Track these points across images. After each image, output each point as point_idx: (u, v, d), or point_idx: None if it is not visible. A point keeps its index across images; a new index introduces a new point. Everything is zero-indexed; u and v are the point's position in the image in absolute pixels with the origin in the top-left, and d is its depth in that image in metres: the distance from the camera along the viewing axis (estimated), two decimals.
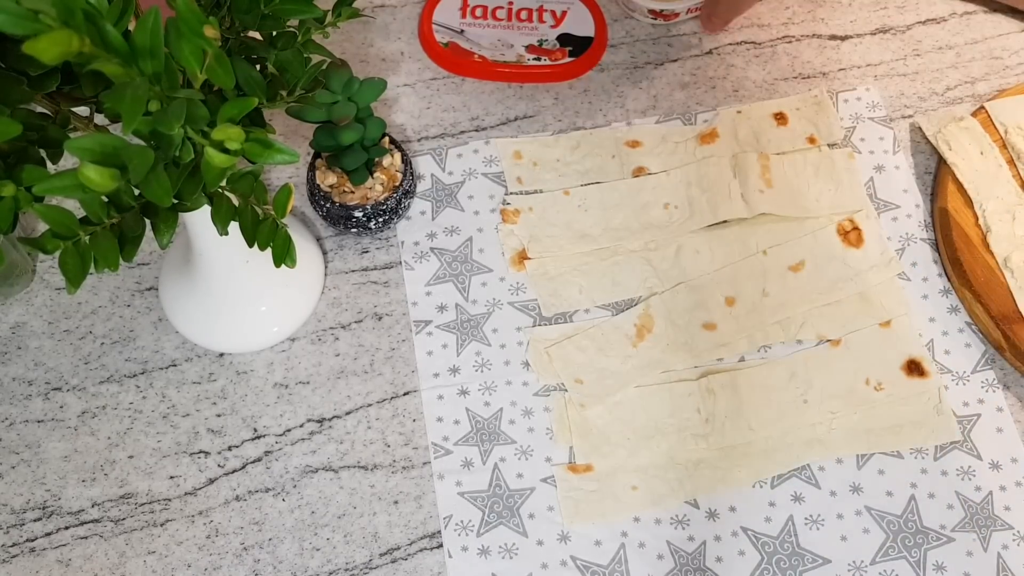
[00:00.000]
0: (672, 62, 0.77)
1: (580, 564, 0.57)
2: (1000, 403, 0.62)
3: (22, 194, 0.38)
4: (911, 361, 0.63)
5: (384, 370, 0.63)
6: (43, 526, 0.57)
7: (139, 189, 0.38)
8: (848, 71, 0.76)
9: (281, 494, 0.59)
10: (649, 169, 0.70)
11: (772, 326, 0.64)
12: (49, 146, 0.43)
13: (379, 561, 0.57)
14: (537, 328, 0.64)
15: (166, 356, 0.63)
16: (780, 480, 0.59)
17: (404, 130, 0.72)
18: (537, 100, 0.74)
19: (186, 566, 0.57)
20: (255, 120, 0.47)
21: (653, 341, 0.63)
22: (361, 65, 0.76)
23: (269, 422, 0.61)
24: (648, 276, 0.66)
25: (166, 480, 0.59)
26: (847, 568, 0.57)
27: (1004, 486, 0.59)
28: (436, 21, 0.77)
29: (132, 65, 0.35)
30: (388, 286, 0.66)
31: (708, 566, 0.57)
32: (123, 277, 0.66)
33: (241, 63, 0.45)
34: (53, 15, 0.31)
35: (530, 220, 0.68)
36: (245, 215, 0.47)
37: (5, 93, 0.39)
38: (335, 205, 0.64)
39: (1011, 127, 0.71)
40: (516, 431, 0.61)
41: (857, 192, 0.70)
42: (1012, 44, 0.78)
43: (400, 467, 0.60)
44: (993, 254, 0.65)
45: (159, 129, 0.37)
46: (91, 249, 0.41)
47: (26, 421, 0.60)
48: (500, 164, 0.71)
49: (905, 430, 0.61)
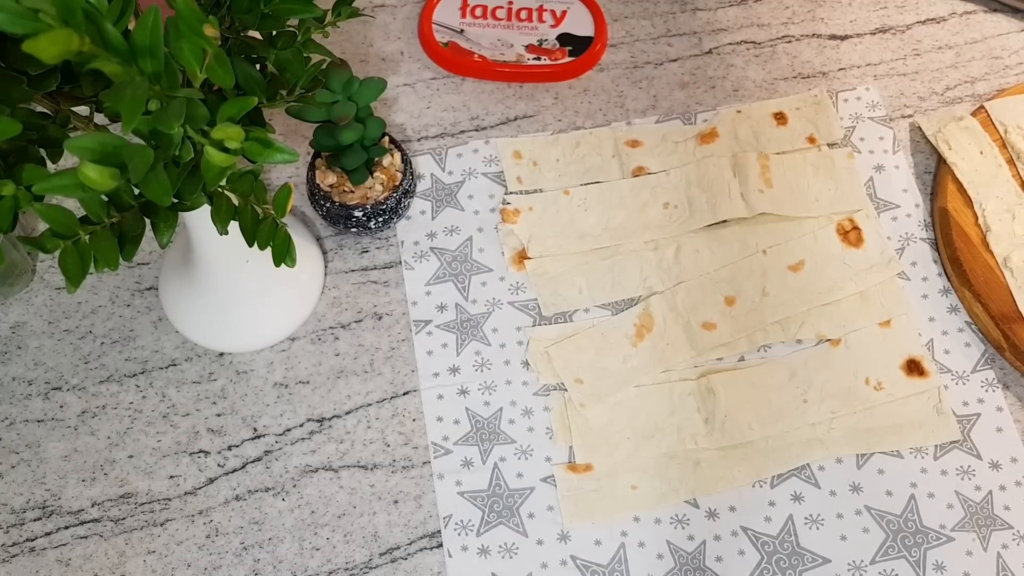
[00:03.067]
0: (672, 62, 0.77)
1: (580, 563, 0.57)
2: (1000, 403, 0.62)
3: (22, 193, 0.38)
4: (911, 361, 0.63)
5: (384, 370, 0.63)
6: (43, 526, 0.57)
7: (139, 188, 0.38)
8: (848, 71, 0.76)
9: (281, 494, 0.59)
10: (649, 169, 0.70)
11: (772, 326, 0.64)
12: (49, 145, 0.43)
13: (379, 561, 0.57)
14: (537, 328, 0.64)
15: (166, 356, 0.63)
16: (780, 480, 0.59)
17: (404, 130, 0.72)
18: (537, 100, 0.74)
19: (186, 566, 0.57)
20: (255, 119, 0.47)
21: (653, 341, 0.63)
22: (361, 65, 0.76)
23: (269, 422, 0.61)
24: (648, 276, 0.66)
25: (166, 480, 0.59)
26: (847, 568, 0.57)
27: (1004, 486, 0.59)
28: (436, 21, 0.77)
29: (132, 64, 0.35)
30: (388, 286, 0.66)
31: (708, 566, 0.57)
32: (123, 277, 0.66)
33: (241, 62, 0.45)
34: (53, 14, 0.31)
35: (530, 220, 0.68)
36: (245, 215, 0.47)
37: (5, 92, 0.39)
38: (335, 205, 0.64)
39: (1011, 127, 0.71)
40: (516, 431, 0.61)
41: (857, 192, 0.70)
42: (1012, 44, 0.78)
43: (400, 467, 0.60)
44: (993, 254, 0.65)
45: (159, 128, 0.37)
46: (91, 248, 0.41)
47: (26, 421, 0.61)
48: (500, 164, 0.71)
49: (905, 430, 0.61)
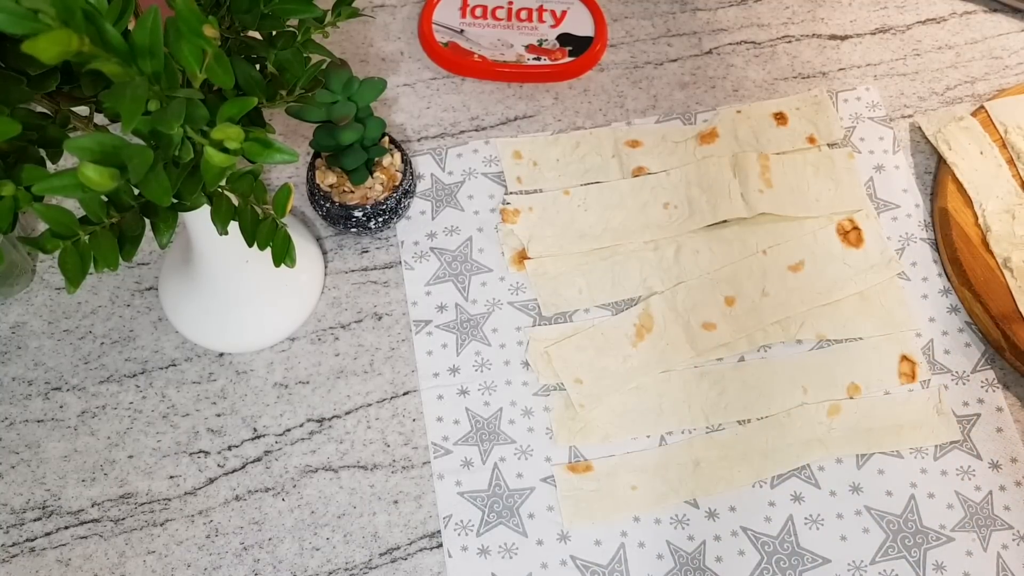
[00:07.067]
0: (672, 62, 0.77)
1: (580, 564, 0.57)
2: (1000, 403, 0.62)
3: (22, 193, 0.38)
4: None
5: (384, 370, 0.63)
6: (43, 526, 0.58)
7: (139, 188, 0.38)
8: (848, 71, 0.76)
9: (281, 494, 0.59)
10: (649, 169, 0.70)
11: (772, 326, 0.64)
12: (49, 145, 0.43)
13: (379, 561, 0.57)
14: (537, 328, 0.64)
15: (166, 356, 0.63)
16: (780, 480, 0.59)
17: (404, 130, 0.72)
18: (537, 100, 0.74)
19: (186, 566, 0.57)
20: (255, 120, 0.47)
21: (653, 341, 0.63)
22: (361, 65, 0.76)
23: (269, 422, 0.61)
24: (648, 276, 0.66)
25: (166, 480, 0.59)
26: (847, 568, 0.57)
27: (1004, 486, 0.59)
28: (436, 21, 0.77)
29: (131, 64, 0.35)
30: (388, 286, 0.66)
31: (708, 566, 0.57)
32: (123, 277, 0.66)
33: (241, 63, 0.45)
34: (52, 14, 0.31)
35: (530, 220, 0.68)
36: (245, 215, 0.47)
37: (5, 93, 0.39)
38: (335, 205, 0.64)
39: (1011, 127, 0.71)
40: (516, 431, 0.61)
41: (857, 192, 0.70)
42: (1012, 44, 0.78)
43: (400, 467, 0.60)
44: (993, 254, 0.65)
45: (158, 128, 0.37)
46: (91, 249, 0.41)
47: (26, 421, 0.61)
48: (500, 164, 0.71)
49: (905, 430, 0.61)
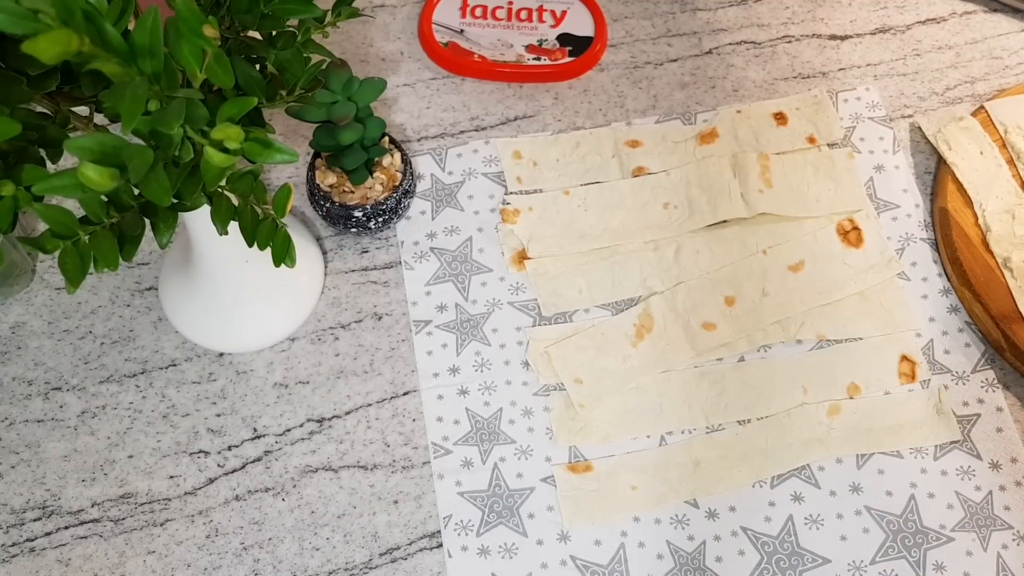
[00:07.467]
0: (672, 62, 0.77)
1: (580, 564, 0.57)
2: (1000, 403, 0.62)
3: (22, 193, 0.38)
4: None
5: (384, 370, 0.63)
6: (43, 526, 0.58)
7: (139, 189, 0.38)
8: (848, 71, 0.76)
9: (281, 494, 0.59)
10: (649, 169, 0.70)
11: (772, 326, 0.64)
12: (49, 145, 0.43)
13: (379, 561, 0.57)
14: (537, 328, 0.64)
15: (166, 356, 0.63)
16: (780, 480, 0.59)
17: (404, 130, 0.72)
18: (537, 100, 0.74)
19: (186, 566, 0.57)
20: (255, 120, 0.47)
21: (653, 341, 0.63)
22: (361, 65, 0.76)
23: (269, 422, 0.61)
24: (648, 276, 0.66)
25: (166, 480, 0.59)
26: (847, 568, 0.57)
27: (1004, 486, 0.59)
28: (436, 21, 0.77)
29: (131, 65, 0.35)
30: (388, 286, 0.66)
31: (708, 566, 0.57)
32: (123, 277, 0.66)
33: (241, 63, 0.45)
34: (52, 15, 0.31)
35: (530, 220, 0.68)
36: (245, 215, 0.47)
37: (5, 93, 0.39)
38: (335, 205, 0.64)
39: (1011, 127, 0.71)
40: (516, 431, 0.61)
41: (857, 192, 0.70)
42: (1012, 44, 0.78)
43: (400, 467, 0.60)
44: (993, 254, 0.65)
45: (158, 129, 0.37)
46: (91, 249, 0.41)
47: (26, 421, 0.61)
48: (500, 164, 0.71)
49: (905, 430, 0.61)
